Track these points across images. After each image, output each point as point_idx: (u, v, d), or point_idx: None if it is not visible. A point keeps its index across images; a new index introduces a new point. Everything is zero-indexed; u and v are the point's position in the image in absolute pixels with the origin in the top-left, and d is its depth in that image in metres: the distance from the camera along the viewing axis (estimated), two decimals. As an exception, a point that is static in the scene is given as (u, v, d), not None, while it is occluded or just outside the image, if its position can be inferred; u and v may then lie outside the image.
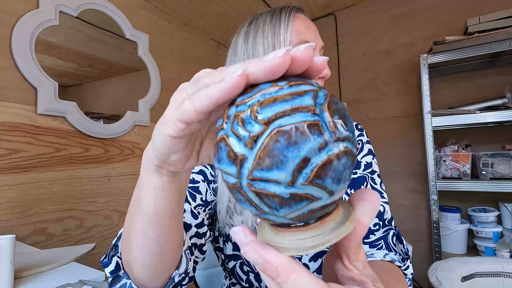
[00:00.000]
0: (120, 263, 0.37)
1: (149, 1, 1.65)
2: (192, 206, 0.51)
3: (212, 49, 2.14)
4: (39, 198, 1.11)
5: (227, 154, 0.17)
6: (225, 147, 0.17)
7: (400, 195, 1.64)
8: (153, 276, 0.35)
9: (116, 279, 0.37)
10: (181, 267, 0.37)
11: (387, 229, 0.51)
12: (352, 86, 1.83)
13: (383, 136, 1.71)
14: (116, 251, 0.38)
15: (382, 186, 0.56)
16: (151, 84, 1.61)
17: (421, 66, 1.32)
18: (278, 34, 0.51)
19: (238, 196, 0.18)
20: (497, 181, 1.17)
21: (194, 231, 0.47)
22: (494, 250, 1.24)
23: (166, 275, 0.36)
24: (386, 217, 0.52)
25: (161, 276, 0.35)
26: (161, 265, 0.34)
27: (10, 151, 1.04)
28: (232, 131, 0.17)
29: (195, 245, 0.47)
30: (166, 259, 0.34)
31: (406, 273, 0.47)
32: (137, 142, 1.51)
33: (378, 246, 0.49)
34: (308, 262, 0.51)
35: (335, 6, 1.83)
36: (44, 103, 1.12)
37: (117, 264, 0.37)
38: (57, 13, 1.18)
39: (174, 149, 0.23)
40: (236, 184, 0.17)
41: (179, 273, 0.38)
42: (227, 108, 0.19)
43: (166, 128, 0.22)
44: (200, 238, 0.48)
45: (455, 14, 1.51)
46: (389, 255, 0.48)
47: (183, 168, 0.27)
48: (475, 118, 1.20)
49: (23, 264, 0.68)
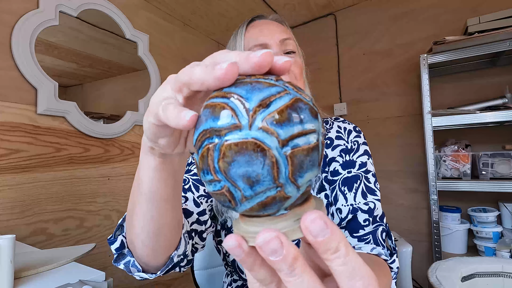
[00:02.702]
0: (125, 241, 0.40)
1: (149, 1, 1.65)
2: (195, 196, 0.54)
3: (212, 49, 2.14)
4: (39, 198, 1.11)
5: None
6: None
7: (400, 195, 1.64)
8: (152, 254, 0.37)
9: (121, 257, 0.40)
10: (180, 248, 0.41)
11: (377, 225, 0.52)
12: (352, 86, 1.83)
13: (383, 136, 1.71)
14: (122, 230, 0.42)
15: (376, 185, 0.58)
16: (151, 84, 1.61)
17: (421, 66, 1.32)
18: (235, 47, 0.60)
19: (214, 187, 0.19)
20: (497, 181, 1.17)
21: (195, 218, 0.50)
22: (494, 250, 1.24)
23: (165, 255, 0.39)
24: (376, 214, 0.54)
25: (161, 256, 0.38)
26: (159, 245, 0.37)
27: (10, 151, 1.04)
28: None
29: (195, 231, 0.49)
30: (163, 240, 0.37)
31: (392, 266, 0.49)
32: (137, 142, 1.51)
33: (366, 241, 0.51)
34: None
35: (335, 6, 1.83)
36: (44, 103, 1.12)
37: (122, 242, 0.40)
38: (57, 13, 1.18)
39: (160, 135, 0.25)
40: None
41: (178, 254, 0.41)
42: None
43: (150, 116, 0.23)
44: (200, 225, 0.51)
45: (455, 14, 1.51)
46: (376, 249, 0.49)
47: (172, 153, 0.28)
48: (475, 118, 1.20)
49: (23, 264, 0.68)
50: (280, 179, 0.17)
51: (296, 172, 0.17)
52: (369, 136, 1.75)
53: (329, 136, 0.63)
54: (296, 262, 0.16)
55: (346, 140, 0.62)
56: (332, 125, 0.66)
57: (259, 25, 0.60)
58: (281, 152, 0.16)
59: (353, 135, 0.63)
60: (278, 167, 0.17)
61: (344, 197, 0.55)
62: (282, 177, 0.17)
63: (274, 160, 0.16)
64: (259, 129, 0.16)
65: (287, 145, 0.17)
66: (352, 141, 0.62)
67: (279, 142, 0.16)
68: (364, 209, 0.53)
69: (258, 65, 0.18)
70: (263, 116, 0.16)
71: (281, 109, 0.17)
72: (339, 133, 0.64)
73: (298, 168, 0.17)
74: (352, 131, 0.64)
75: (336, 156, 0.61)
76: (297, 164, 0.17)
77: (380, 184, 1.69)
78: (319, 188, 0.58)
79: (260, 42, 0.57)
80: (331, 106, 1.87)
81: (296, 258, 0.16)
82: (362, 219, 0.52)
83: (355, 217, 0.52)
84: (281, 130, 0.16)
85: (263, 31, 0.58)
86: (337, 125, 0.65)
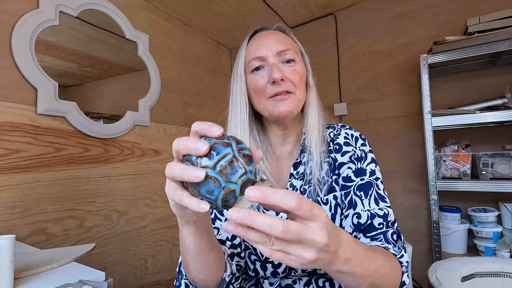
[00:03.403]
0: (188, 282, 0.52)
1: (149, 1, 1.65)
2: (223, 223, 0.62)
3: (212, 49, 2.14)
4: (39, 198, 1.11)
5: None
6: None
7: (400, 195, 1.64)
8: (210, 282, 0.50)
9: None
10: (227, 270, 0.51)
11: (389, 228, 0.55)
12: (352, 86, 1.83)
13: (383, 136, 1.71)
14: (181, 275, 0.53)
15: (384, 192, 0.60)
16: (151, 84, 1.61)
17: (421, 66, 1.32)
18: (238, 61, 0.64)
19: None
20: (497, 181, 1.17)
21: (230, 244, 0.59)
22: (494, 250, 1.24)
23: (219, 278, 0.51)
24: (389, 219, 0.56)
25: (216, 280, 0.50)
26: (213, 274, 0.49)
27: (10, 151, 1.04)
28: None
29: (233, 253, 0.59)
30: (213, 270, 0.49)
31: (401, 261, 0.51)
32: (137, 142, 1.51)
33: (378, 239, 0.53)
34: None
35: (335, 6, 1.83)
36: (44, 103, 1.12)
37: (186, 284, 0.52)
38: (57, 13, 1.18)
39: (184, 210, 0.37)
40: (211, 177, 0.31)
41: (227, 275, 0.51)
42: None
43: (172, 202, 0.36)
44: (235, 248, 0.59)
45: (455, 14, 1.51)
46: (385, 244, 0.52)
47: (196, 218, 0.40)
48: (475, 118, 1.20)
49: (23, 264, 0.68)
50: (222, 184, 0.31)
51: (228, 176, 0.31)
52: (369, 136, 1.75)
53: (337, 142, 0.65)
54: (251, 212, 0.28)
55: (354, 146, 0.64)
56: (339, 131, 0.68)
57: (258, 38, 0.63)
58: (214, 171, 0.31)
59: (360, 142, 0.66)
60: (217, 180, 0.31)
61: (362, 202, 0.57)
62: (222, 182, 0.31)
63: (213, 177, 0.31)
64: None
65: (216, 168, 0.31)
66: (360, 149, 0.64)
67: (211, 168, 0.31)
68: (380, 214, 0.55)
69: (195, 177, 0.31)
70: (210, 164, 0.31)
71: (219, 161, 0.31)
72: (347, 139, 0.66)
73: (227, 175, 0.31)
74: (359, 139, 0.66)
75: (346, 161, 0.62)
76: (226, 173, 0.31)
77: (380, 184, 1.69)
78: (329, 190, 0.61)
79: (257, 55, 0.61)
80: (331, 106, 1.87)
81: (249, 212, 0.28)
82: (377, 223, 0.55)
83: (372, 222, 0.55)
84: (210, 162, 0.31)
85: (260, 44, 0.61)
86: (345, 131, 0.67)
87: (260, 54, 0.60)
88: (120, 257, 1.39)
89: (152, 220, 1.57)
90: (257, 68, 0.61)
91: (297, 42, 0.67)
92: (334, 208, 0.59)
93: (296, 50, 0.64)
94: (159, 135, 1.65)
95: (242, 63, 0.63)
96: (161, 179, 1.64)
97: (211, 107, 2.07)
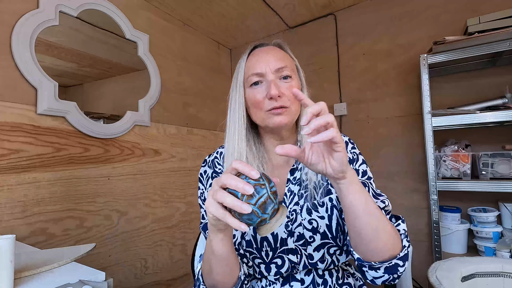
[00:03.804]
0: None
1: (149, 1, 1.65)
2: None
3: (212, 49, 2.14)
4: (39, 198, 1.11)
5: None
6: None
7: (400, 195, 1.64)
8: (229, 282, 0.58)
9: None
10: (242, 270, 0.60)
11: (386, 214, 0.61)
12: (352, 86, 1.83)
13: (383, 136, 1.71)
14: (199, 282, 0.62)
15: (377, 190, 0.65)
16: (151, 84, 1.61)
17: (421, 66, 1.32)
18: (237, 74, 0.68)
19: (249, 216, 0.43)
20: (497, 181, 1.17)
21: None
22: (494, 250, 1.24)
23: (236, 277, 0.58)
24: (388, 209, 0.61)
25: (233, 279, 0.58)
26: (234, 273, 0.58)
27: (10, 151, 1.04)
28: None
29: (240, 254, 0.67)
30: (234, 271, 0.57)
31: (399, 229, 0.58)
32: (137, 142, 1.51)
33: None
34: (312, 252, 0.61)
35: (335, 6, 1.83)
36: (44, 103, 1.12)
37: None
38: (57, 13, 1.18)
39: (220, 222, 0.46)
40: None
41: (242, 273, 0.59)
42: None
43: (210, 215, 0.45)
44: (242, 258, 0.66)
45: (455, 14, 1.51)
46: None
47: (226, 228, 0.50)
48: (475, 118, 1.20)
49: (23, 264, 0.68)
50: (259, 215, 0.42)
51: (264, 210, 0.42)
52: (369, 136, 1.75)
53: None
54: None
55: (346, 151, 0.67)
56: None
57: (258, 54, 0.66)
58: (255, 206, 0.42)
59: (350, 146, 0.70)
60: (257, 212, 0.42)
61: None
62: (260, 214, 0.42)
63: (254, 210, 0.42)
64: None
65: (256, 204, 0.42)
66: (351, 151, 0.69)
67: (253, 204, 0.42)
68: (381, 206, 0.59)
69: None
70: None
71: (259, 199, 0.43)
72: None
73: (264, 209, 0.42)
74: (348, 143, 0.71)
75: None
76: (263, 208, 0.42)
77: (380, 184, 1.69)
78: (326, 193, 0.64)
79: (256, 71, 0.64)
80: (331, 106, 1.87)
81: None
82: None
83: None
84: (252, 199, 0.42)
85: (259, 60, 0.65)
86: None
87: (259, 70, 0.64)
88: (120, 257, 1.39)
89: (152, 220, 1.57)
90: (255, 82, 0.64)
91: (293, 58, 0.70)
92: (330, 209, 0.62)
93: (292, 66, 0.67)
94: (159, 135, 1.65)
95: (241, 76, 0.66)
96: (161, 179, 1.64)
97: (211, 107, 2.07)
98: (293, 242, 0.61)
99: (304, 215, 0.62)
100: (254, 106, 0.64)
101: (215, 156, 0.75)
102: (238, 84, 0.66)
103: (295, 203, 0.64)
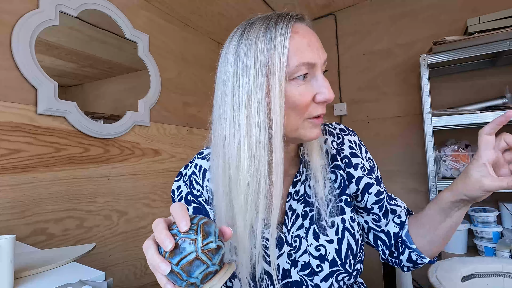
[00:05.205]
0: None
1: (149, 1, 1.65)
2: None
3: (212, 49, 2.14)
4: (39, 198, 1.11)
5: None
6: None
7: (400, 195, 1.64)
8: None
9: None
10: None
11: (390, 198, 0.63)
12: (352, 86, 1.83)
13: (383, 136, 1.71)
14: None
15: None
16: (151, 84, 1.61)
17: (421, 66, 1.32)
18: (273, 55, 0.43)
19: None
20: (497, 181, 1.17)
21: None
22: (494, 250, 1.24)
23: None
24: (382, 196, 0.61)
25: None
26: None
27: (10, 151, 1.04)
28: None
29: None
30: None
31: (400, 204, 0.64)
32: (137, 142, 1.51)
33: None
34: (319, 282, 0.53)
35: (335, 6, 1.83)
36: (44, 103, 1.12)
37: None
38: (57, 13, 1.18)
39: None
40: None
41: None
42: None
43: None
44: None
45: (455, 14, 1.51)
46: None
47: None
48: (475, 118, 1.20)
49: (23, 264, 0.68)
50: (183, 278, 0.33)
51: (189, 273, 0.33)
52: (369, 136, 1.75)
53: (344, 155, 0.58)
54: None
55: (361, 157, 0.60)
56: (341, 138, 0.60)
57: (306, 35, 0.47)
58: (178, 267, 0.33)
59: (363, 149, 0.61)
60: (180, 275, 0.33)
61: (398, 204, 0.65)
62: (184, 277, 0.33)
63: (176, 272, 0.33)
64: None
65: (178, 265, 0.33)
66: (366, 158, 0.60)
67: (174, 264, 0.33)
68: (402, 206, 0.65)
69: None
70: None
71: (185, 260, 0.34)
72: (352, 149, 0.59)
73: (188, 272, 0.33)
74: (362, 147, 0.61)
75: (361, 175, 0.58)
76: (187, 270, 0.33)
77: (380, 184, 1.69)
78: (338, 211, 0.55)
79: (309, 60, 0.45)
80: (331, 106, 1.87)
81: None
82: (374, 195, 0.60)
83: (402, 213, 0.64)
84: (174, 259, 0.33)
85: (311, 45, 0.46)
86: (348, 139, 0.60)
87: (313, 60, 0.45)
88: (120, 257, 1.39)
89: (152, 220, 1.56)
90: (303, 76, 0.45)
91: None
92: (342, 232, 0.53)
93: None
94: (159, 135, 1.65)
95: (284, 62, 0.43)
96: (161, 179, 1.64)
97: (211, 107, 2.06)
98: (297, 272, 0.52)
99: (310, 240, 0.53)
100: (294, 109, 0.45)
101: (192, 171, 0.60)
102: (277, 74, 0.43)
103: (299, 226, 0.54)
